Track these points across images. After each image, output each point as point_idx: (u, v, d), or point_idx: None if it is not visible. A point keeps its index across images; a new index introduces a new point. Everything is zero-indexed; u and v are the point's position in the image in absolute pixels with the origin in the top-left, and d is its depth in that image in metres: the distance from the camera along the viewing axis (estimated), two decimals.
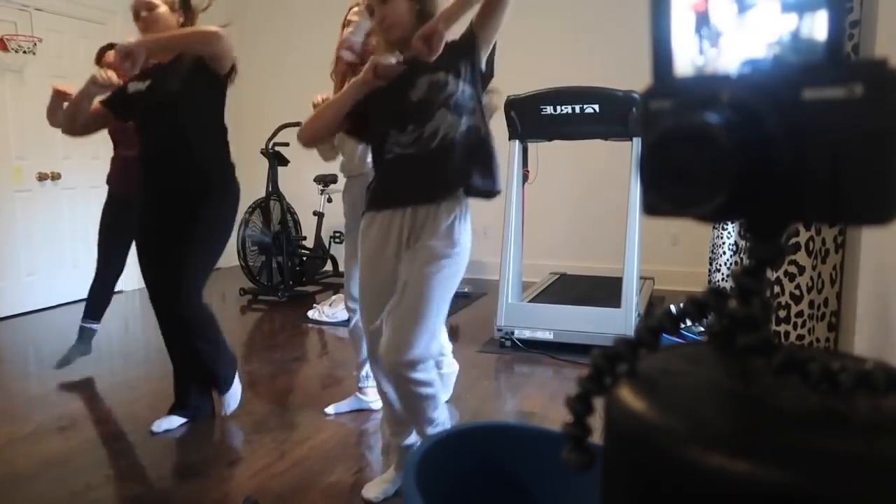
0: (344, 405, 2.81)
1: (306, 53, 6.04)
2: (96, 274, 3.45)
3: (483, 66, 1.90)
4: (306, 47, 6.05)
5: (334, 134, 2.18)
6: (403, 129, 1.86)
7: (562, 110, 3.65)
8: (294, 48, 6.12)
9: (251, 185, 5.49)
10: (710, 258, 4.18)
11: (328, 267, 5.65)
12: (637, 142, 3.61)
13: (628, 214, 3.68)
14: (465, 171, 1.86)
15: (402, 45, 1.88)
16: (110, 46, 3.37)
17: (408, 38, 1.82)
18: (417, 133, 1.84)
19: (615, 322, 3.50)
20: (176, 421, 2.68)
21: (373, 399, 2.74)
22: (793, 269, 2.34)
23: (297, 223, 5.49)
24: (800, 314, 2.35)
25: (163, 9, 2.44)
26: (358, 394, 2.82)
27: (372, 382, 2.61)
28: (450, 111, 1.83)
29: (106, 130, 3.20)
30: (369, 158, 2.29)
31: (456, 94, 1.84)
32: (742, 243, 2.91)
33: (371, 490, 2.11)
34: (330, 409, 2.80)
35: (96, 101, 2.57)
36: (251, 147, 5.30)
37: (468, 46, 1.86)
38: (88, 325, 3.49)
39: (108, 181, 3.48)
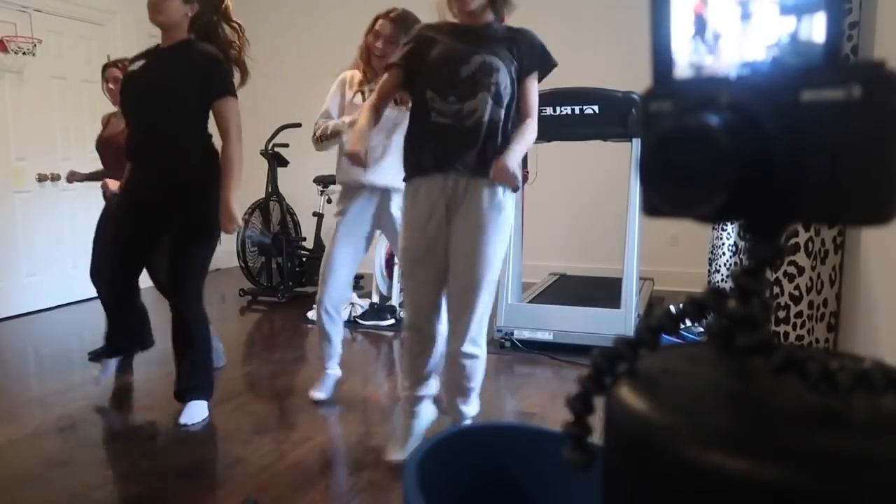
0: None
1: (306, 54, 6.04)
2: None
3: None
4: (306, 48, 6.05)
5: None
6: (445, 99, 1.99)
7: (561, 111, 3.65)
8: (294, 49, 6.11)
9: (251, 186, 5.49)
10: (709, 259, 4.19)
11: None
12: (637, 143, 3.61)
13: (628, 215, 3.68)
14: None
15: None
16: (114, 64, 3.37)
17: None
18: (457, 107, 1.98)
19: (615, 322, 3.50)
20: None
21: None
22: (792, 269, 2.34)
23: (296, 224, 5.49)
24: (799, 315, 2.35)
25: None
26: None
27: None
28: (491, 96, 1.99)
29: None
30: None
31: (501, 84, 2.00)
32: (741, 244, 2.91)
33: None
34: None
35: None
36: (251, 148, 5.29)
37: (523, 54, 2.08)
38: None
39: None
